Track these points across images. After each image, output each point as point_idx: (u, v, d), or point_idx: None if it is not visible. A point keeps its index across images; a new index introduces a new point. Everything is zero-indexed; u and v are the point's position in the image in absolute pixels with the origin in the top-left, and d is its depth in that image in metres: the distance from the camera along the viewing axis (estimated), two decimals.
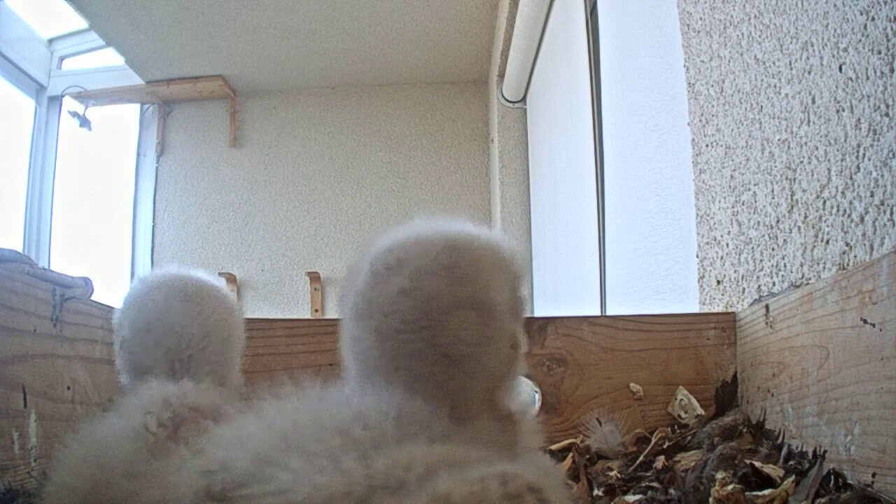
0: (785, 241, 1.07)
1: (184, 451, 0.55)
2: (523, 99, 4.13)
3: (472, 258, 0.52)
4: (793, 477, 0.80)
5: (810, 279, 0.99)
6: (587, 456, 1.04)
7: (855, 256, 0.88)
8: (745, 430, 1.01)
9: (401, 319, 0.51)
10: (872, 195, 0.84)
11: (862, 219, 0.86)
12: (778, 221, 1.09)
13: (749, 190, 1.19)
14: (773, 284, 1.10)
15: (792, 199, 1.05)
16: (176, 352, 0.70)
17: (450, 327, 0.51)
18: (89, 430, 0.63)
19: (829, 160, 0.94)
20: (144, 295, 0.72)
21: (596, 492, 0.90)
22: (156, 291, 0.72)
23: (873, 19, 0.83)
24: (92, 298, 0.99)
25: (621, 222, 2.10)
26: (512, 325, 0.54)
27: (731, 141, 1.26)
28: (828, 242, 0.95)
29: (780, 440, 0.95)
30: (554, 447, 1.06)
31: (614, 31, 2.19)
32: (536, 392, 1.17)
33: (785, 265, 1.07)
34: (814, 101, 0.98)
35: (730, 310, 1.25)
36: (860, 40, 0.86)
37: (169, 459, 0.55)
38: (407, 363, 0.51)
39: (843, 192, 0.91)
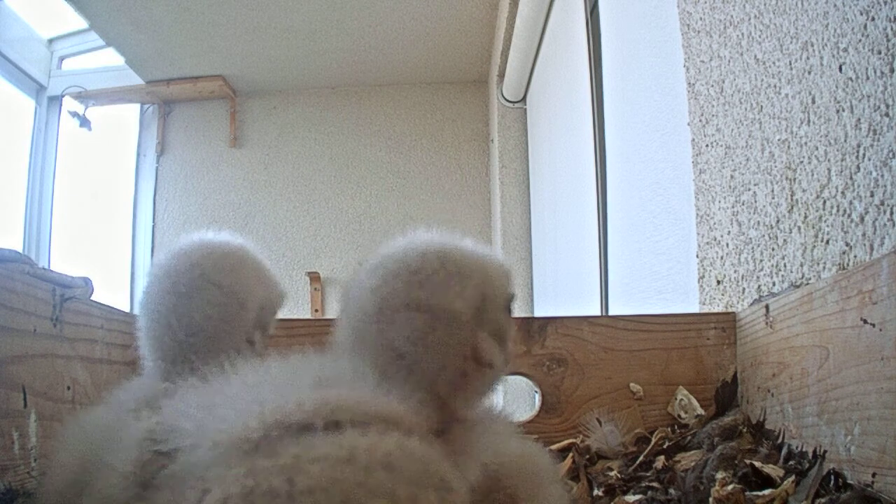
0: (785, 241, 1.07)
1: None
2: (523, 99, 4.13)
3: (439, 265, 0.56)
4: (793, 477, 0.80)
5: (810, 279, 0.99)
6: (587, 456, 1.04)
7: (855, 256, 0.88)
8: (745, 430, 1.01)
9: (364, 312, 0.57)
10: (872, 195, 0.84)
11: (862, 219, 0.86)
12: (778, 221, 1.09)
13: (749, 190, 1.19)
14: (773, 284, 1.11)
15: (792, 199, 1.05)
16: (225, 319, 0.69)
17: (396, 325, 0.55)
18: (83, 417, 0.64)
19: (829, 160, 0.94)
20: (189, 259, 0.71)
21: (596, 492, 0.90)
22: (202, 257, 0.71)
23: (873, 19, 0.83)
24: (92, 298, 0.99)
25: (624, 222, 2.10)
26: (473, 338, 0.56)
27: (731, 141, 1.26)
28: (828, 242, 0.95)
29: (780, 440, 0.95)
30: (554, 447, 1.06)
31: (615, 32, 2.19)
32: (536, 392, 1.17)
33: (785, 265, 1.07)
34: (814, 101, 0.98)
35: (730, 310, 1.25)
36: (860, 40, 0.86)
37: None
38: (361, 350, 0.57)
39: (843, 192, 0.91)
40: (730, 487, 0.76)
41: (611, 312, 2.26)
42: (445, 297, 0.55)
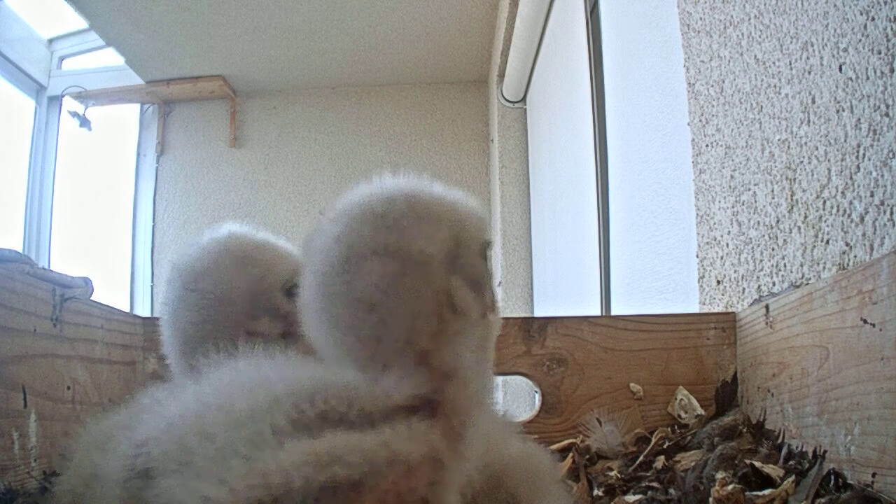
0: (785, 241, 1.07)
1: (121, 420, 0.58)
2: (523, 99, 4.13)
3: (408, 208, 0.53)
4: (793, 477, 0.80)
5: (810, 279, 0.99)
6: (587, 456, 1.04)
7: (855, 256, 0.88)
8: (745, 430, 1.01)
9: (328, 263, 0.53)
10: (872, 195, 0.84)
11: (862, 219, 0.86)
12: (778, 221, 1.09)
13: (749, 190, 1.19)
14: (773, 284, 1.10)
15: (792, 199, 1.05)
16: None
17: (365, 273, 0.51)
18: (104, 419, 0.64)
19: (829, 160, 0.94)
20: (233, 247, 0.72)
21: (596, 492, 0.90)
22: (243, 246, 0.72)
23: (873, 19, 0.83)
24: (92, 298, 0.99)
25: (625, 222, 2.10)
26: (447, 283, 0.52)
27: (731, 141, 1.26)
28: (828, 242, 0.95)
29: (780, 440, 0.95)
30: (554, 447, 1.06)
31: (616, 32, 2.19)
32: (536, 392, 1.17)
33: (785, 265, 1.07)
34: (814, 101, 0.98)
35: (730, 310, 1.25)
36: (860, 40, 0.86)
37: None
38: (328, 306, 0.53)
39: (843, 192, 0.91)
40: (730, 487, 0.76)
41: (612, 312, 2.26)
42: (416, 241, 0.52)
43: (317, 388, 0.49)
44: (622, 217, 2.11)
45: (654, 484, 0.91)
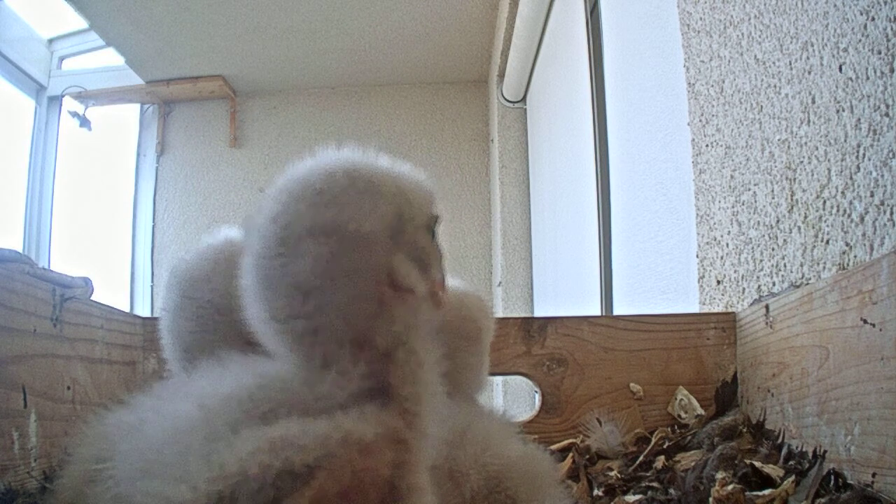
0: (785, 241, 1.07)
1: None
2: (523, 99, 4.13)
3: (348, 183, 0.49)
4: (793, 477, 0.80)
5: (810, 279, 0.99)
6: (587, 456, 1.04)
7: (855, 256, 0.88)
8: (745, 430, 1.01)
9: (265, 244, 0.49)
10: (872, 195, 0.84)
11: (862, 219, 0.86)
12: (778, 221, 1.09)
13: (749, 190, 1.19)
14: (773, 284, 1.10)
15: (792, 199, 1.05)
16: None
17: (301, 255, 0.48)
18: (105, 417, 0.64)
19: (829, 160, 0.94)
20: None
21: (596, 492, 0.90)
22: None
23: (873, 19, 0.83)
24: (92, 298, 0.99)
25: (626, 222, 2.10)
26: (388, 261, 0.49)
27: (731, 141, 1.26)
28: (828, 242, 0.95)
29: (780, 440, 0.95)
30: (554, 447, 1.06)
31: (616, 32, 2.19)
32: (536, 392, 1.17)
33: (785, 265, 1.07)
34: (814, 101, 0.98)
35: (730, 310, 1.25)
36: (860, 40, 0.86)
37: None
38: (264, 292, 0.50)
39: (843, 192, 0.91)
40: (730, 487, 0.76)
41: (614, 312, 2.26)
42: (354, 218, 0.48)
43: (260, 388, 0.48)
44: (623, 217, 2.11)
45: (654, 484, 0.91)
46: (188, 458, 0.44)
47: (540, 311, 3.71)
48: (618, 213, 2.17)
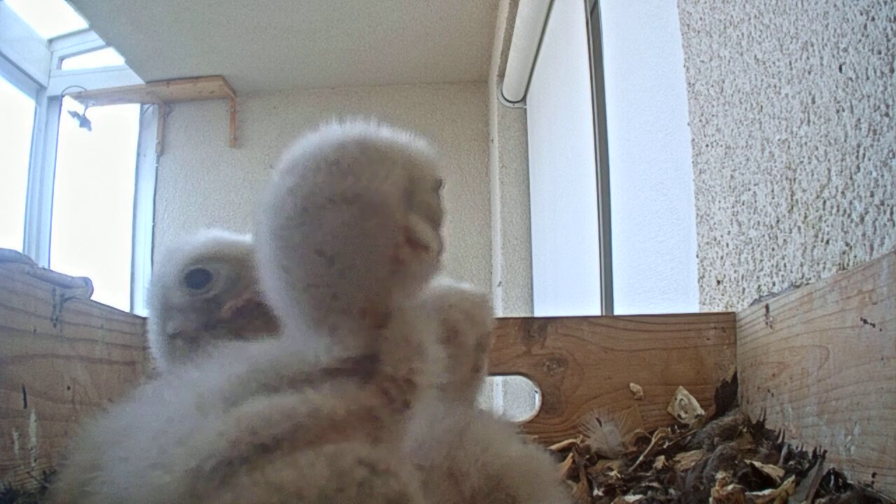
0: (785, 241, 1.07)
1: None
2: (523, 99, 4.13)
3: (360, 153, 0.52)
4: (793, 477, 0.80)
5: (810, 279, 0.99)
6: (587, 456, 1.04)
7: (855, 256, 0.88)
8: (745, 430, 1.01)
9: (285, 216, 0.52)
10: (872, 195, 0.84)
11: (862, 219, 0.86)
12: (778, 221, 1.09)
13: (749, 190, 1.19)
14: (773, 284, 1.10)
15: (792, 199, 1.05)
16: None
17: (324, 223, 0.50)
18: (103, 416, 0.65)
19: (829, 160, 0.94)
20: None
21: (596, 492, 0.90)
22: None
23: (873, 19, 0.83)
24: (92, 298, 0.99)
25: (626, 222, 2.10)
26: (405, 220, 0.52)
27: (731, 141, 1.26)
28: (828, 242, 0.95)
29: (780, 440, 0.95)
30: (554, 447, 1.06)
31: (616, 32, 2.19)
32: (536, 392, 1.17)
33: (785, 265, 1.07)
34: (814, 101, 0.98)
35: (730, 310, 1.25)
36: (860, 40, 0.86)
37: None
38: (285, 262, 0.52)
39: (843, 192, 0.91)
40: (730, 487, 0.76)
41: (614, 312, 2.26)
42: (371, 183, 0.51)
43: (244, 365, 0.50)
44: (623, 217, 2.11)
45: (654, 484, 0.91)
46: (163, 443, 0.46)
47: (540, 311, 3.71)
48: (618, 213, 2.17)
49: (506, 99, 4.18)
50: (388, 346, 0.51)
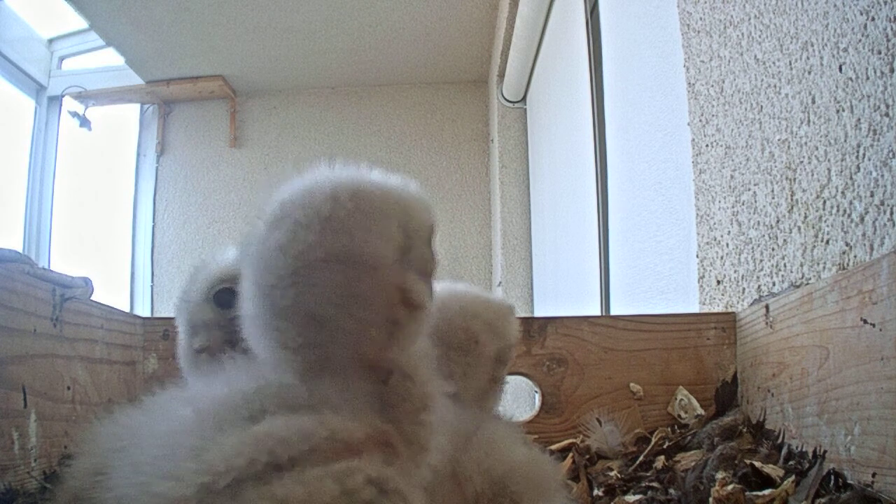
0: (785, 241, 1.07)
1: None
2: (523, 99, 4.13)
3: (354, 207, 0.49)
4: (793, 477, 0.80)
5: (810, 279, 0.99)
6: (587, 456, 1.04)
7: (855, 256, 0.88)
8: (745, 430, 1.01)
9: (276, 275, 0.49)
10: (872, 195, 0.84)
11: (862, 219, 0.86)
12: (778, 221, 1.09)
13: (749, 190, 1.19)
14: (773, 284, 1.10)
15: (792, 199, 1.05)
16: None
17: (316, 284, 0.48)
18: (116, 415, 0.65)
19: (829, 160, 0.94)
20: None
21: (596, 492, 0.90)
22: None
23: (873, 19, 0.83)
24: (92, 298, 0.99)
25: (626, 222, 2.10)
26: (399, 279, 0.50)
27: (731, 141, 1.26)
28: (828, 242, 0.95)
29: (780, 440, 0.95)
30: (554, 447, 1.06)
31: (616, 32, 2.19)
32: (536, 392, 1.17)
33: (785, 265, 1.07)
34: (814, 101, 0.98)
35: (730, 310, 1.25)
36: (860, 40, 0.86)
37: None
38: (275, 321, 0.50)
39: (843, 192, 0.91)
40: (730, 487, 0.76)
41: (613, 312, 2.26)
42: (366, 242, 0.48)
43: (256, 390, 0.48)
44: (622, 217, 2.11)
45: (654, 484, 0.91)
46: (176, 455, 0.45)
47: (540, 311, 3.71)
48: (617, 213, 2.17)
49: (506, 99, 4.18)
50: (393, 399, 0.50)
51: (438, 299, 0.57)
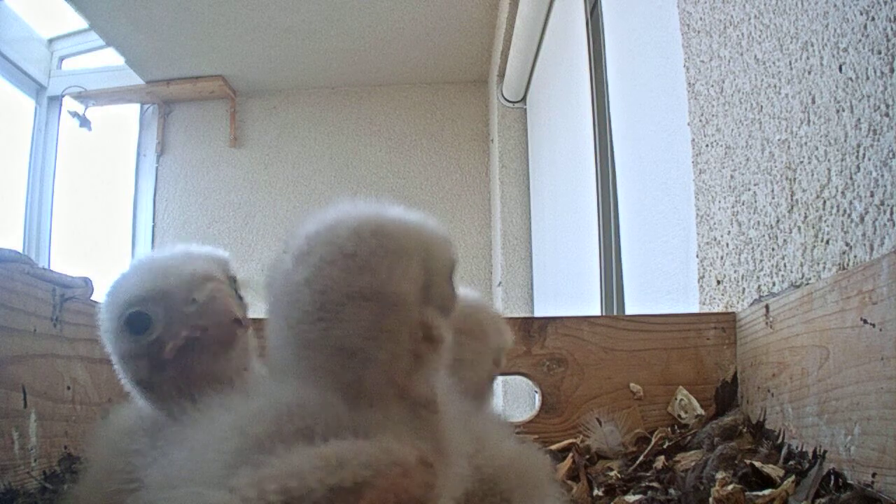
0: (785, 241, 1.07)
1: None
2: (523, 99, 4.13)
3: (377, 245, 0.51)
4: (793, 477, 0.80)
5: (810, 279, 0.99)
6: (587, 456, 1.04)
7: (855, 256, 0.88)
8: (745, 430, 1.01)
9: (302, 310, 0.51)
10: (872, 195, 0.84)
11: (862, 219, 0.86)
12: (778, 221, 1.09)
13: (749, 190, 1.19)
14: (773, 284, 1.10)
15: (792, 199, 1.05)
16: None
17: (343, 320, 0.50)
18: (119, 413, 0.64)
19: (829, 160, 0.94)
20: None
21: (596, 492, 0.90)
22: None
23: (873, 19, 0.83)
24: (92, 298, 0.99)
25: (626, 222, 2.10)
26: (421, 316, 0.52)
27: (731, 141, 1.26)
28: (828, 242, 0.95)
29: (780, 440, 0.95)
30: (554, 447, 1.06)
31: (617, 32, 2.19)
32: (536, 392, 1.17)
33: (785, 265, 1.07)
34: (814, 101, 0.98)
35: (730, 310, 1.25)
36: (860, 40, 0.86)
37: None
38: (306, 353, 0.52)
39: (843, 192, 0.91)
40: (730, 487, 0.76)
41: (614, 312, 2.26)
42: (390, 280, 0.50)
43: (299, 405, 0.49)
44: (632, 216, 2.11)
45: (654, 484, 0.91)
46: (229, 465, 0.45)
47: (540, 311, 3.71)
48: (626, 213, 2.17)
49: (506, 99, 4.18)
50: (416, 425, 0.52)
51: None
